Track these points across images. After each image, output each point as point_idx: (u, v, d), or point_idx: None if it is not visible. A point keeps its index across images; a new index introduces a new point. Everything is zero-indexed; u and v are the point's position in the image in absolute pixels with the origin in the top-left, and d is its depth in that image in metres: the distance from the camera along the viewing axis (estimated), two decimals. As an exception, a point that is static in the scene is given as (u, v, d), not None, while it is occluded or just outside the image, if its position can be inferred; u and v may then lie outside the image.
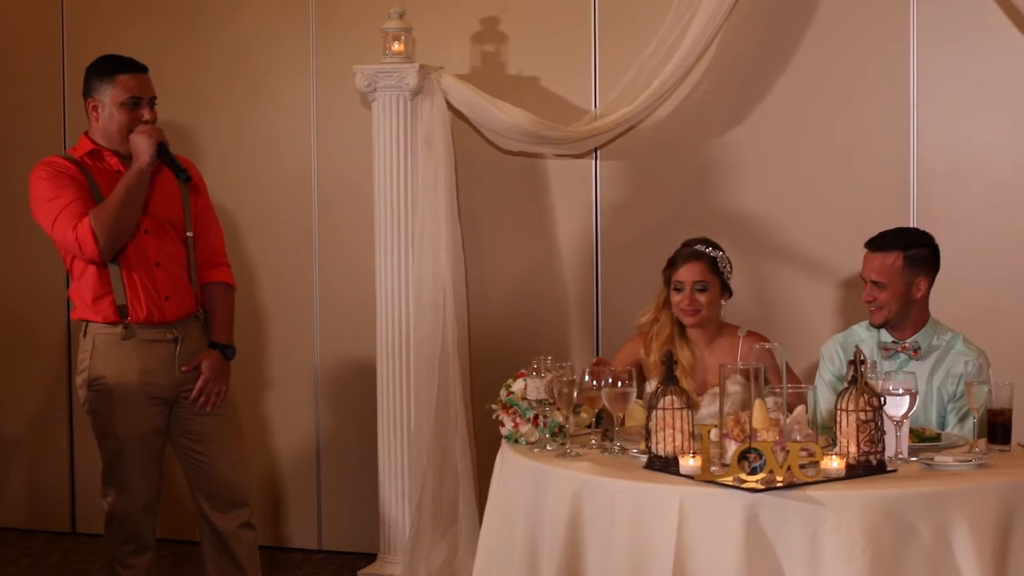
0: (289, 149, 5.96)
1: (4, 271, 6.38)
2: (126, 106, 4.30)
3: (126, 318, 4.31)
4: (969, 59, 5.11)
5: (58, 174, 4.26)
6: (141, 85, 4.33)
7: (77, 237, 4.17)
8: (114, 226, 4.17)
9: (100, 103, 4.32)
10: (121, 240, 4.23)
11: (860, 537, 3.14)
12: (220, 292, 4.57)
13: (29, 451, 6.41)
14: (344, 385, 5.93)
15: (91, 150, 4.35)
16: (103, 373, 4.32)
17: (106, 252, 4.20)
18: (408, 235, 5.39)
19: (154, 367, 4.35)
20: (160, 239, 4.37)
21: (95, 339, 4.34)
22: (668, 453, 3.44)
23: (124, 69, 4.31)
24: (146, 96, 4.33)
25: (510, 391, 3.92)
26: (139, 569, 4.44)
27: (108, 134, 4.34)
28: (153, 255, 4.35)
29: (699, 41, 5.17)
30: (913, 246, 4.23)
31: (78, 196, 4.22)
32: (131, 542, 4.41)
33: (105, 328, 4.32)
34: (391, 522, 5.49)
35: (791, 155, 5.33)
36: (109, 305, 4.31)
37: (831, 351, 4.42)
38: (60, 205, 4.21)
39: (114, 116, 4.31)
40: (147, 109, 4.32)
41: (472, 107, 5.38)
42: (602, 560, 3.39)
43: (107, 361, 4.32)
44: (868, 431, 3.35)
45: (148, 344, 4.34)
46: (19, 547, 6.17)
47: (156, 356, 4.36)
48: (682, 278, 4.41)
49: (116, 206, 4.18)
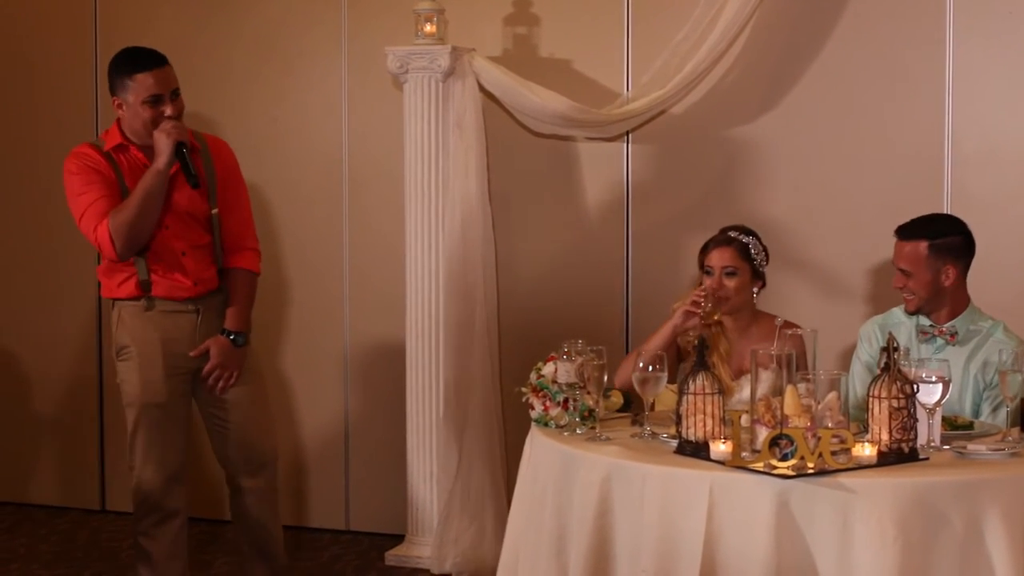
0: (320, 131, 5.96)
1: (35, 251, 6.41)
2: (148, 104, 4.32)
3: (148, 292, 4.42)
4: (1005, 44, 5.07)
5: (87, 169, 4.35)
6: (159, 81, 4.33)
7: (97, 238, 4.30)
8: (131, 228, 4.26)
9: (124, 101, 4.37)
10: (139, 241, 4.32)
11: (891, 525, 3.12)
12: (241, 278, 4.61)
13: (59, 429, 6.45)
14: (372, 367, 5.94)
15: (118, 144, 4.41)
16: (127, 343, 4.46)
17: (124, 253, 4.31)
18: (438, 218, 5.39)
19: (175, 336, 4.46)
20: (182, 231, 4.45)
21: (121, 312, 4.48)
22: (699, 438, 3.43)
23: (142, 67, 4.32)
24: (166, 91, 4.34)
25: (540, 374, 3.92)
26: (162, 540, 4.49)
27: (134, 130, 4.40)
28: (178, 247, 4.44)
29: (732, 26, 5.15)
30: (941, 234, 4.19)
31: (103, 194, 4.32)
32: (155, 512, 4.47)
33: (130, 302, 4.45)
34: (419, 504, 5.50)
35: (824, 141, 5.30)
36: (133, 283, 4.43)
37: (869, 332, 4.40)
38: (86, 202, 4.31)
39: (138, 114, 4.34)
40: (168, 104, 4.34)
41: (504, 89, 5.36)
42: (631, 545, 3.39)
43: (131, 331, 4.45)
44: (900, 419, 3.33)
45: (170, 315, 4.46)
46: (49, 525, 6.21)
47: (178, 326, 4.47)
48: (712, 263, 4.41)
49: (133, 209, 4.26)
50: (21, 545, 5.88)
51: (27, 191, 6.41)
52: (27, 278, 6.45)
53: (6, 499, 6.54)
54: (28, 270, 6.44)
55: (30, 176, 6.39)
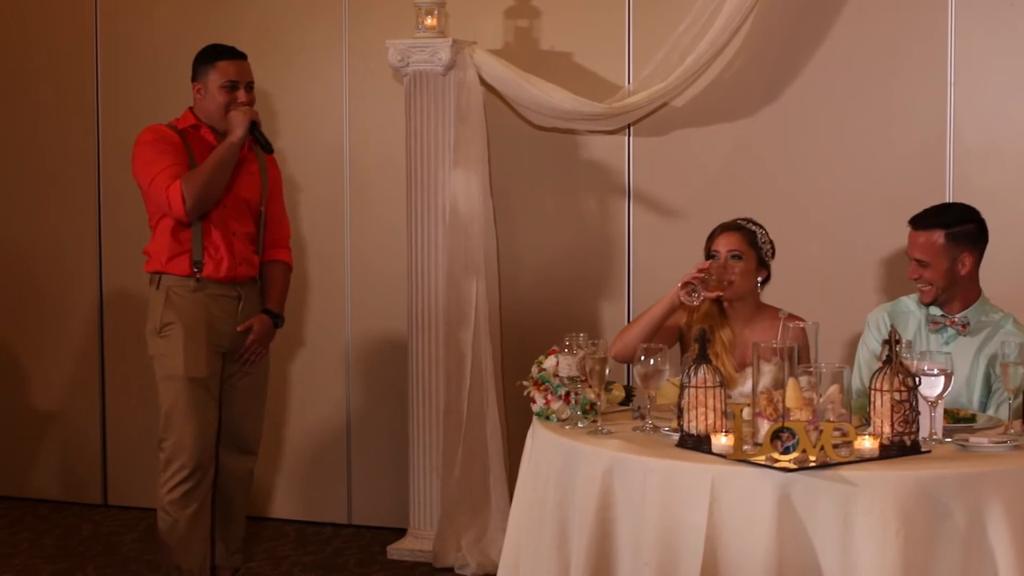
0: (321, 125, 5.96)
1: (37, 245, 6.41)
2: (225, 88, 4.73)
3: (200, 272, 4.71)
4: (1007, 35, 5.06)
5: (160, 140, 4.72)
6: (239, 71, 4.76)
7: (168, 197, 4.60)
8: (201, 190, 4.60)
9: (203, 86, 4.77)
10: (206, 204, 4.66)
11: (893, 518, 3.11)
12: (279, 268, 5.00)
13: (61, 424, 6.46)
14: (375, 360, 5.94)
15: (192, 124, 4.79)
16: (174, 319, 4.72)
17: (192, 213, 4.63)
18: (440, 211, 5.39)
19: (219, 317, 4.77)
20: (237, 214, 4.80)
21: (168, 290, 4.73)
22: (700, 431, 3.42)
23: (224, 56, 4.76)
24: (243, 80, 4.76)
25: (542, 368, 3.91)
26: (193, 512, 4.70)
27: (208, 113, 4.78)
28: (232, 226, 4.78)
29: (733, 18, 5.14)
30: (956, 223, 4.17)
31: (175, 161, 4.66)
32: (192, 478, 4.69)
33: (179, 280, 4.72)
34: (421, 498, 5.50)
35: (826, 133, 5.30)
36: (186, 261, 4.71)
37: (878, 319, 4.37)
38: (159, 167, 4.64)
39: (215, 97, 4.74)
40: (243, 91, 4.75)
41: (505, 82, 5.36)
42: (633, 538, 3.38)
43: (179, 309, 4.71)
44: (902, 411, 3.32)
45: (216, 297, 4.76)
46: (52, 519, 6.22)
47: (222, 309, 4.77)
48: (718, 247, 4.40)
49: (206, 173, 4.62)
50: (23, 540, 5.89)
51: (28, 188, 6.41)
52: (29, 274, 6.45)
53: (8, 494, 6.54)
54: (30, 266, 6.44)
55: (31, 173, 6.39)
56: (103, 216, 6.27)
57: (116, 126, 6.13)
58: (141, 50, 6.14)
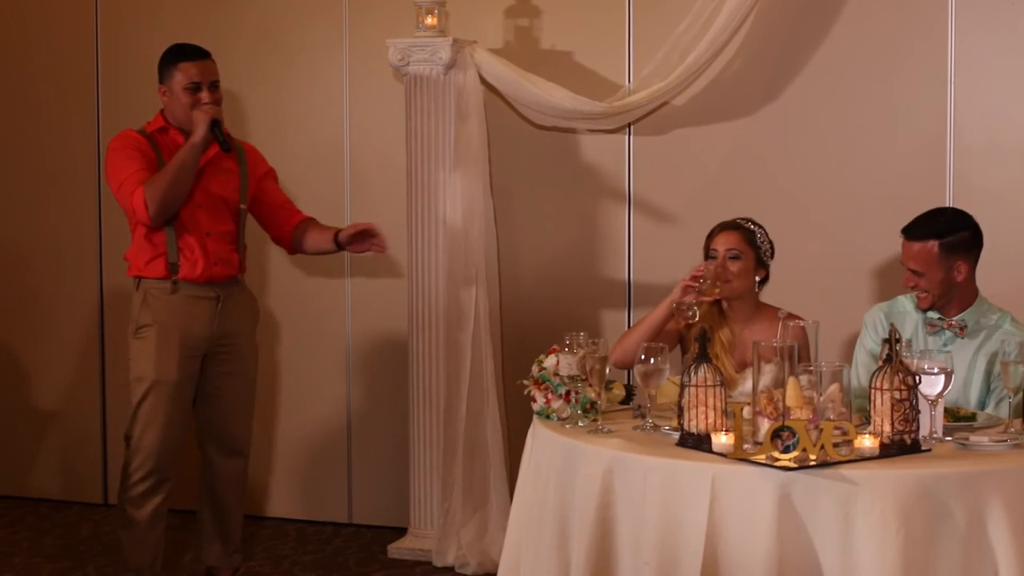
0: (322, 123, 5.96)
1: (38, 245, 6.41)
2: (188, 90, 4.71)
3: (175, 275, 4.72)
4: (1007, 34, 5.05)
5: (128, 146, 4.73)
6: (201, 71, 4.74)
7: (132, 203, 4.62)
8: (164, 194, 4.59)
9: (168, 88, 4.75)
10: (171, 207, 4.64)
11: (893, 517, 3.11)
12: (310, 220, 5.04)
13: (62, 423, 6.45)
14: (375, 360, 5.94)
15: (161, 127, 4.79)
16: (148, 321, 4.74)
17: (156, 217, 4.63)
18: (440, 210, 5.39)
19: (195, 320, 4.75)
20: (212, 213, 4.77)
21: (146, 293, 4.75)
22: (701, 430, 3.43)
23: (185, 57, 4.75)
24: (206, 80, 4.73)
25: (542, 367, 3.91)
26: (148, 508, 4.76)
27: (175, 115, 4.77)
28: (204, 225, 4.75)
29: (734, 17, 5.14)
30: (950, 231, 4.13)
31: (142, 167, 4.66)
32: (149, 478, 4.74)
33: (156, 283, 4.74)
34: (422, 497, 5.50)
35: (826, 132, 5.29)
36: (162, 264, 4.72)
37: (875, 319, 4.37)
38: (125, 174, 4.66)
39: (179, 99, 4.73)
40: (206, 92, 4.72)
41: (505, 82, 5.36)
42: (633, 537, 3.38)
43: (154, 311, 4.73)
44: (903, 410, 3.33)
45: (192, 299, 4.75)
46: (52, 518, 6.22)
47: (198, 310, 4.76)
48: (716, 246, 4.40)
49: (168, 177, 4.61)
50: (24, 539, 5.89)
51: (28, 188, 6.41)
52: (29, 272, 6.44)
53: (8, 493, 6.54)
54: (30, 266, 6.44)
55: (31, 173, 6.39)
56: (103, 216, 6.27)
57: (116, 126, 6.05)
58: (141, 50, 6.12)
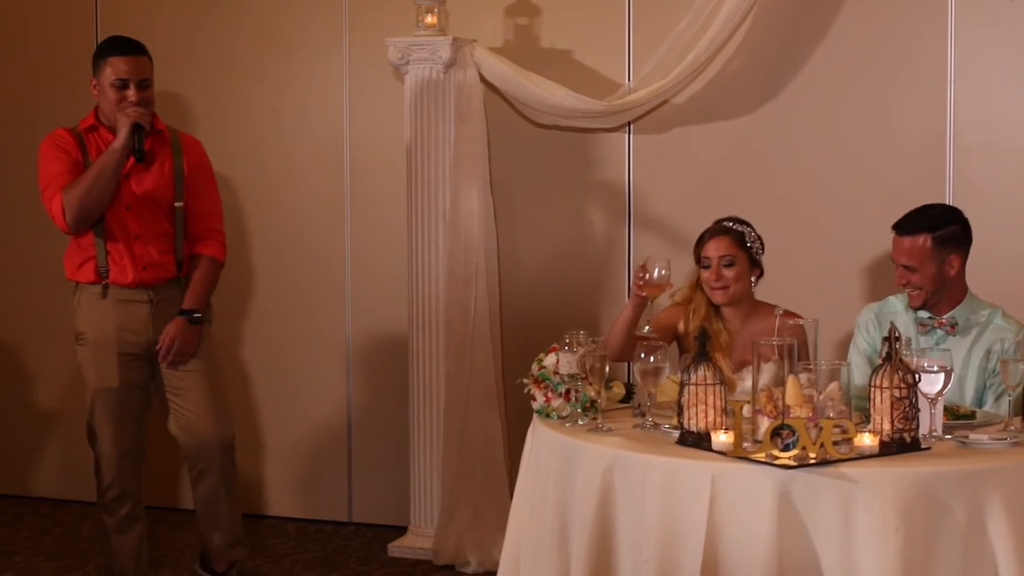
0: (321, 123, 5.95)
1: (36, 245, 6.40)
2: (115, 86, 4.53)
3: (105, 279, 4.62)
4: (1006, 33, 5.05)
5: (55, 148, 4.59)
6: (131, 68, 4.53)
7: (51, 210, 4.52)
8: (81, 202, 4.46)
9: (98, 82, 4.60)
10: (90, 215, 4.52)
11: (893, 515, 3.11)
12: (203, 263, 4.75)
13: (63, 422, 6.45)
14: (376, 358, 5.94)
15: (91, 125, 4.66)
16: (84, 329, 4.70)
17: (75, 225, 4.52)
18: (440, 209, 5.39)
19: (128, 325, 4.66)
20: (142, 215, 4.63)
21: (81, 298, 4.70)
22: (700, 429, 3.42)
23: (116, 51, 4.55)
24: (134, 78, 4.54)
25: (542, 365, 3.91)
26: (118, 514, 4.75)
27: (104, 112, 4.62)
28: (133, 229, 4.62)
29: (734, 15, 5.14)
30: (941, 225, 4.13)
31: (64, 171, 4.53)
32: (112, 488, 4.72)
33: (89, 288, 4.66)
34: (422, 496, 5.50)
35: (825, 130, 5.29)
36: (91, 268, 4.63)
37: (866, 320, 4.37)
38: (49, 177, 4.55)
39: (107, 95, 4.56)
40: (133, 90, 4.53)
41: (505, 80, 5.36)
42: (633, 536, 3.38)
43: (88, 317, 4.67)
44: (902, 408, 3.32)
45: (124, 303, 4.65)
46: (53, 517, 6.22)
47: (131, 315, 4.66)
48: (709, 253, 4.39)
49: (85, 183, 4.47)
50: (24, 538, 5.89)
51: (28, 186, 6.38)
52: (29, 271, 6.44)
53: (9, 492, 6.54)
54: (29, 263, 6.44)
55: (31, 171, 6.36)
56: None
57: (116, 125, 6.13)
58: (141, 49, 6.14)
